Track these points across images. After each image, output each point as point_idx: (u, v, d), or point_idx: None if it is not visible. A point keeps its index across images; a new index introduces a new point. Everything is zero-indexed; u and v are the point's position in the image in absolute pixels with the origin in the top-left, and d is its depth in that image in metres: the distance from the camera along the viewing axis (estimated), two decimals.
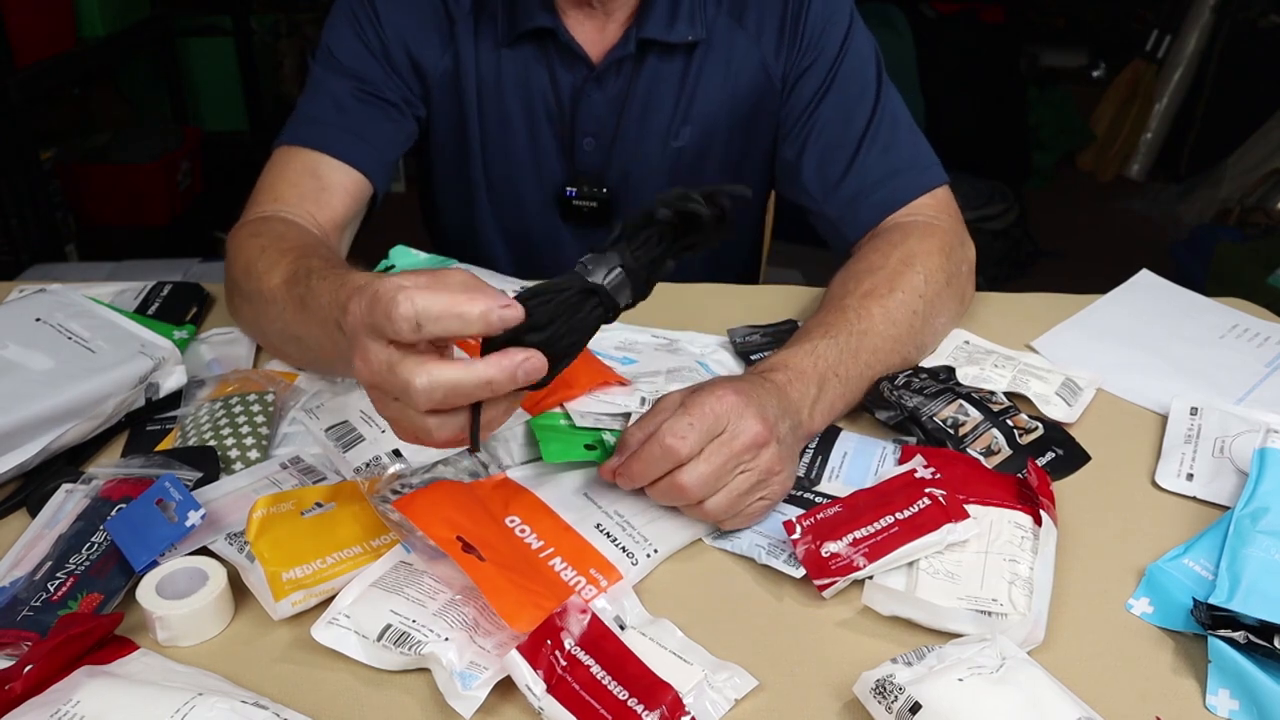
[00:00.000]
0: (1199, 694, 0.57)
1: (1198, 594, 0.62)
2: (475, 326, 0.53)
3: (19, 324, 0.78)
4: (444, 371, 0.54)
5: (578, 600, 0.58)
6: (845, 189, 0.97)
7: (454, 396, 0.54)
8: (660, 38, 0.96)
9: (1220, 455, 0.76)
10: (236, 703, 0.52)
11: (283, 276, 0.75)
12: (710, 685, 0.56)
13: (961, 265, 0.92)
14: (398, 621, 0.58)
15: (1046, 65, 3.90)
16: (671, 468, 0.65)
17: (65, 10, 2.43)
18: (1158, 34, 3.60)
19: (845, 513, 0.65)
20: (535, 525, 0.66)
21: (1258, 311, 0.98)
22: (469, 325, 0.53)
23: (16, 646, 0.58)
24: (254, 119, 3.46)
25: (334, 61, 0.98)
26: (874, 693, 0.54)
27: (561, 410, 0.74)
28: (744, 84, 1.01)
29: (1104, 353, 0.91)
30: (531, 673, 0.54)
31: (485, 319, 0.53)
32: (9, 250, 2.25)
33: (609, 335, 0.89)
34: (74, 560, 0.63)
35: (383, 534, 0.65)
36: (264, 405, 0.76)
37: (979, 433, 0.76)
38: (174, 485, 0.64)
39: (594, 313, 0.58)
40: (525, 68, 0.99)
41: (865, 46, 1.00)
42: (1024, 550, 0.64)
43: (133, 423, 0.79)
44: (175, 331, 0.87)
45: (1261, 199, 2.94)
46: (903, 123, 0.99)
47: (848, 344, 0.78)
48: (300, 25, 3.63)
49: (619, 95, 1.00)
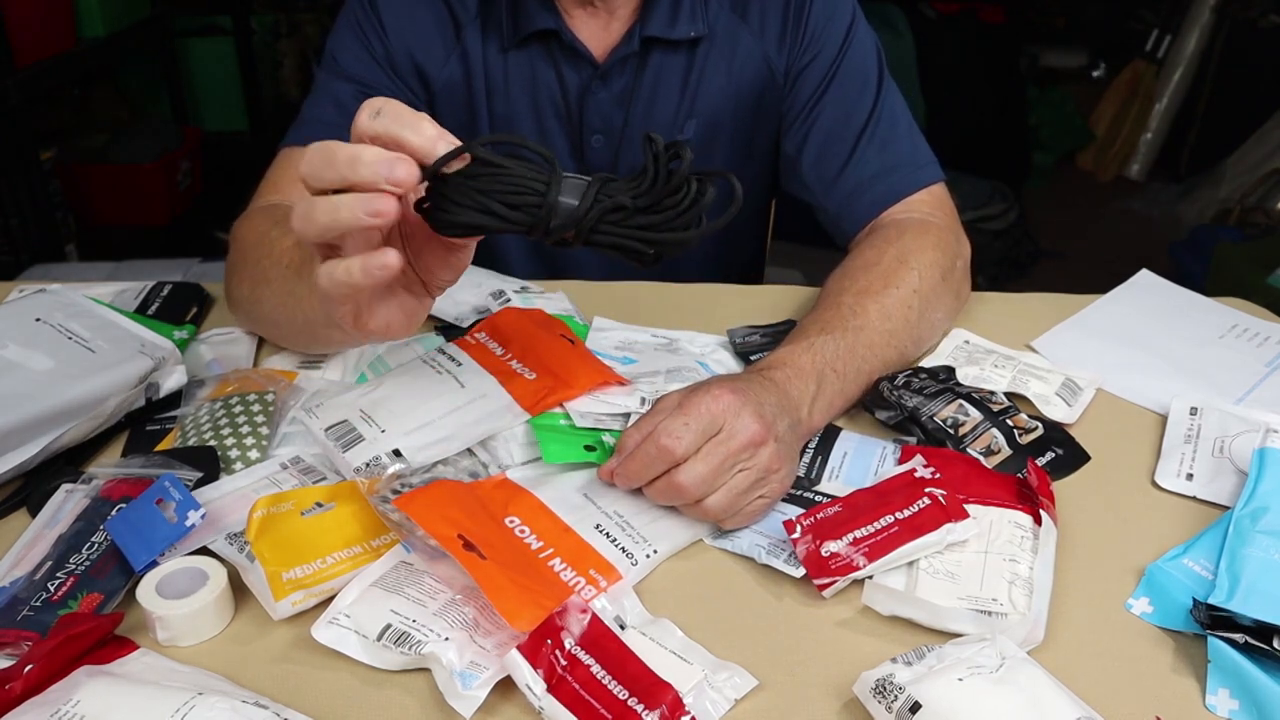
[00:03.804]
0: (1199, 694, 0.57)
1: (1197, 594, 0.62)
2: (419, 139, 0.55)
3: (19, 324, 0.78)
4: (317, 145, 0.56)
5: (578, 600, 0.58)
6: (843, 183, 0.98)
7: (330, 160, 0.55)
8: (663, 35, 0.97)
9: (1220, 455, 0.76)
10: (236, 703, 0.52)
11: (293, 240, 0.76)
12: (710, 685, 0.56)
13: (956, 261, 0.92)
14: (398, 621, 0.58)
15: (1046, 65, 3.89)
16: (668, 468, 0.65)
17: (65, 10, 2.43)
18: (1158, 34, 3.60)
19: (845, 512, 0.65)
20: (535, 526, 0.66)
21: (1258, 311, 0.98)
22: (417, 134, 0.55)
23: (16, 646, 0.58)
24: (254, 119, 3.46)
25: (338, 68, 0.99)
26: (874, 692, 0.54)
27: (561, 410, 0.74)
28: (747, 78, 1.01)
29: (1104, 353, 0.91)
30: (532, 672, 0.54)
31: (431, 140, 0.55)
32: (9, 250, 2.26)
33: (609, 335, 0.89)
34: (74, 560, 0.63)
35: (383, 534, 0.65)
36: (264, 405, 0.76)
37: (979, 433, 0.76)
38: (174, 485, 0.64)
39: (527, 211, 0.57)
40: (532, 69, 1.00)
41: (867, 43, 1.01)
42: (1024, 550, 0.64)
43: (133, 423, 0.79)
44: (175, 331, 0.88)
45: (1261, 199, 2.94)
46: (901, 120, 1.00)
47: (844, 340, 0.78)
48: (300, 25, 3.63)
49: (624, 92, 1.00)
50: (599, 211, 0.58)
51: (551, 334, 0.81)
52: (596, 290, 1.00)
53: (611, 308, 0.95)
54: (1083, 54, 4.00)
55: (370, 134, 0.56)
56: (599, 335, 0.89)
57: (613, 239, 0.59)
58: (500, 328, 0.82)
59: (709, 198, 0.59)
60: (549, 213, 0.57)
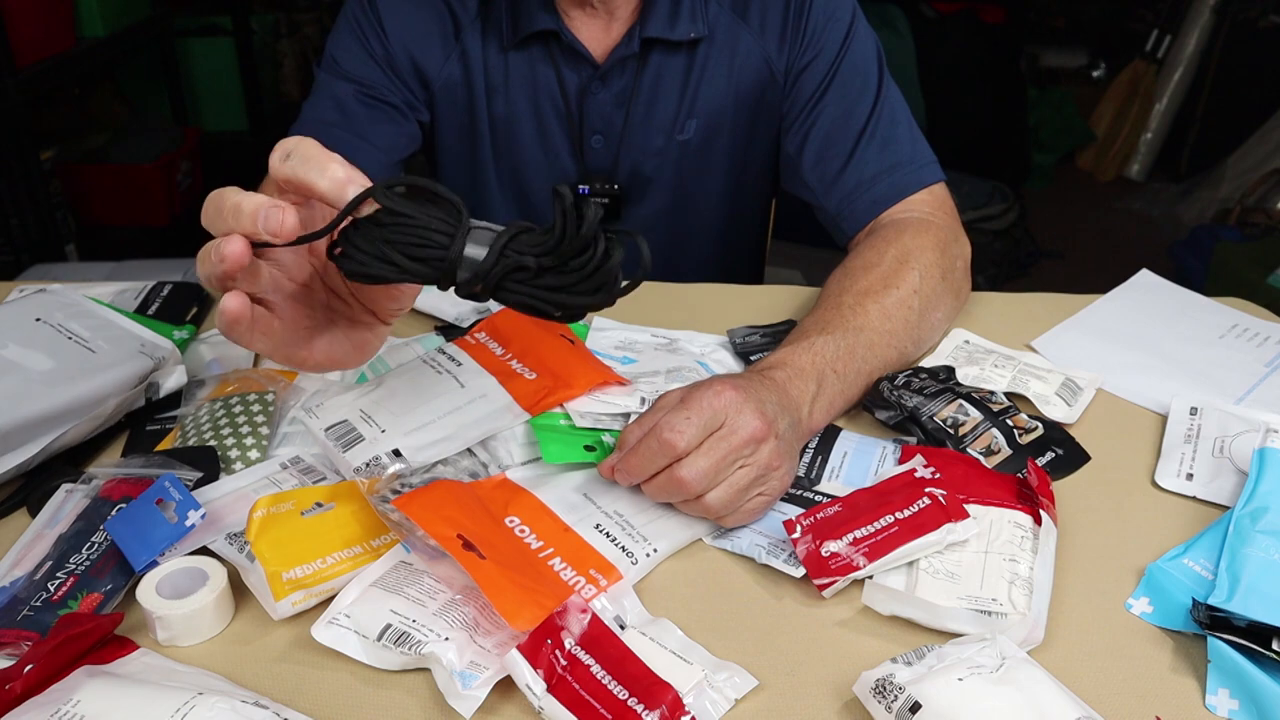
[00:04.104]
0: (1199, 694, 0.57)
1: (1197, 594, 0.62)
2: (325, 184, 0.54)
3: (19, 324, 0.78)
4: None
5: (578, 600, 0.58)
6: (843, 183, 0.98)
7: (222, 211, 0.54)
8: (663, 36, 0.97)
9: (1220, 455, 0.76)
10: (236, 703, 0.52)
11: None
12: (710, 685, 0.56)
13: (957, 261, 0.92)
14: (398, 621, 0.58)
15: (1046, 65, 3.90)
16: (669, 462, 0.65)
17: (65, 10, 2.43)
18: (1158, 34, 3.60)
19: (845, 512, 0.65)
20: (535, 526, 0.66)
21: (1258, 311, 0.98)
22: (323, 179, 0.54)
23: (16, 646, 0.58)
24: (254, 119, 3.46)
25: (338, 68, 0.99)
26: (874, 692, 0.54)
27: (561, 410, 0.74)
28: (747, 78, 1.02)
29: (1104, 353, 0.91)
30: (532, 672, 0.54)
31: (339, 184, 0.54)
32: (9, 250, 2.25)
33: (609, 335, 0.89)
34: (74, 560, 0.63)
35: (383, 534, 0.65)
36: (264, 405, 0.76)
37: (979, 433, 0.76)
38: (174, 485, 0.64)
39: (430, 265, 0.56)
40: (532, 69, 1.00)
41: (867, 43, 1.01)
42: (1024, 550, 0.64)
43: (133, 423, 0.79)
44: (175, 331, 0.87)
45: (1261, 199, 2.94)
46: (901, 120, 1.00)
47: (845, 341, 0.78)
48: (300, 25, 3.63)
49: (624, 92, 1.00)
50: (503, 269, 0.55)
51: (551, 334, 0.81)
52: None
53: (611, 308, 0.94)
54: (1083, 54, 4.00)
55: (280, 178, 0.56)
56: (599, 335, 0.89)
57: (519, 298, 0.57)
58: (500, 327, 0.82)
59: (616, 259, 0.57)
60: (453, 266, 0.55)
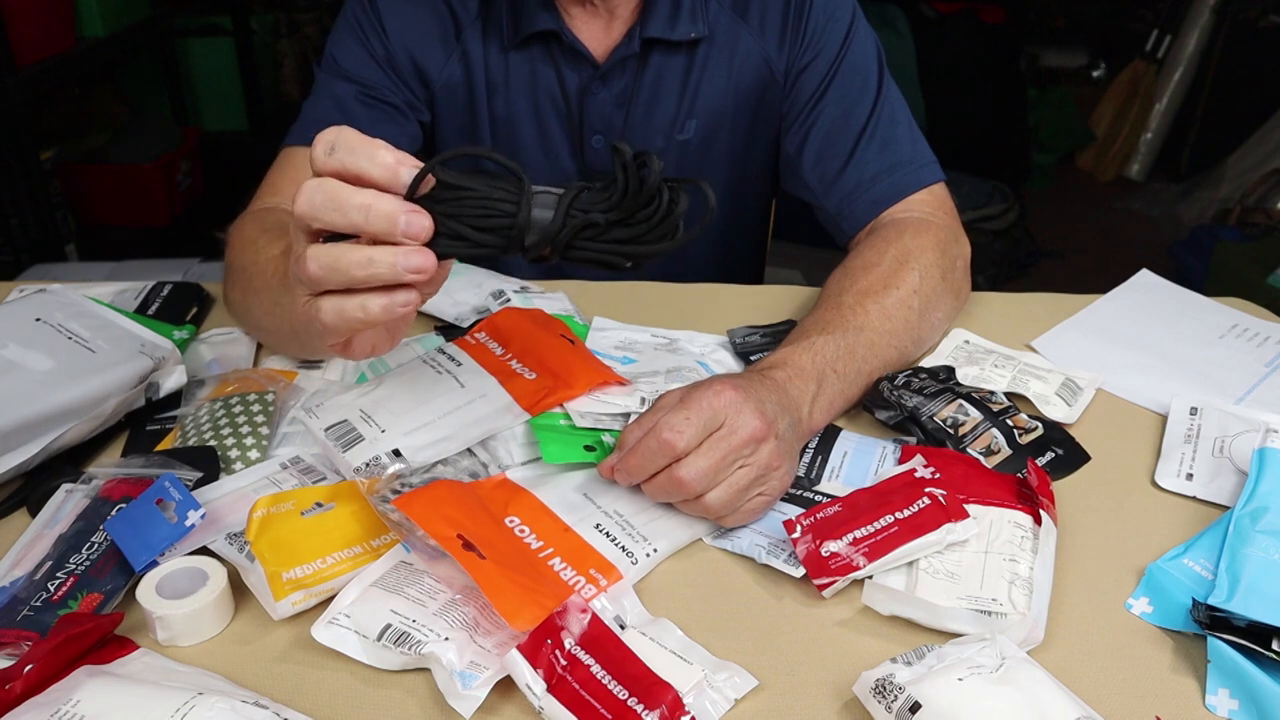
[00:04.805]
0: (1198, 694, 0.57)
1: (1197, 594, 0.62)
2: (379, 171, 0.55)
3: (19, 324, 0.78)
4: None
5: (578, 600, 0.58)
6: (843, 183, 0.98)
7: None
8: (664, 36, 0.97)
9: (1220, 455, 0.76)
10: (236, 703, 0.52)
11: (281, 249, 0.76)
12: (710, 685, 0.56)
13: (957, 261, 0.92)
14: (398, 621, 0.58)
15: (1046, 65, 3.90)
16: (669, 462, 0.65)
17: (65, 10, 2.42)
18: (1158, 34, 3.60)
19: (845, 512, 0.65)
20: (535, 526, 0.66)
21: (1258, 311, 0.98)
22: (375, 166, 0.55)
23: (16, 646, 0.58)
24: (254, 119, 3.46)
25: (338, 68, 0.99)
26: (874, 692, 0.54)
27: (561, 410, 0.74)
28: (747, 78, 1.02)
29: (1104, 353, 0.91)
30: (532, 672, 0.54)
31: (391, 169, 0.55)
32: (9, 250, 2.25)
33: (609, 335, 0.89)
34: (74, 560, 0.63)
35: (383, 534, 0.65)
36: (264, 405, 0.76)
37: (979, 433, 0.76)
38: (174, 485, 0.64)
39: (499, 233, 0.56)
40: (532, 69, 1.00)
41: (867, 43, 1.01)
42: (1024, 550, 0.64)
43: (133, 423, 0.79)
44: (175, 331, 0.88)
45: (1261, 199, 2.94)
46: (901, 120, 1.00)
47: (845, 341, 0.78)
48: (300, 25, 3.63)
49: (624, 92, 1.00)
50: (573, 228, 0.57)
51: (551, 334, 0.81)
52: (596, 290, 1.00)
53: (611, 308, 0.95)
54: (1083, 54, 4.01)
55: (328, 170, 0.56)
56: (599, 335, 0.89)
57: (590, 254, 0.58)
58: (500, 328, 0.82)
59: (683, 206, 0.58)
60: (521, 232, 0.56)
